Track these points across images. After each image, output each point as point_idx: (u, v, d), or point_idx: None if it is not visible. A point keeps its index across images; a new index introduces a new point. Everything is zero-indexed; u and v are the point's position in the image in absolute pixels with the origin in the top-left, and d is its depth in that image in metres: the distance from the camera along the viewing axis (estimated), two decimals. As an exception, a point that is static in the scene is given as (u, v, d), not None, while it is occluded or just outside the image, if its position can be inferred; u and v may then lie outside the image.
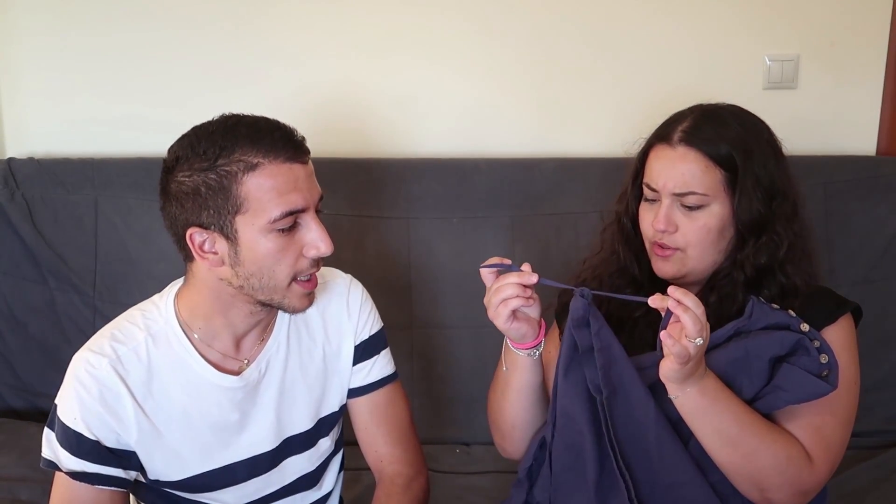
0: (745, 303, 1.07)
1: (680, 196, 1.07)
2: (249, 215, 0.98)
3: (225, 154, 0.97)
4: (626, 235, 1.18)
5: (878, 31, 1.84)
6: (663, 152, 1.10)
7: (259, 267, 1.01)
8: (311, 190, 1.02)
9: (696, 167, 1.06)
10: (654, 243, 1.11)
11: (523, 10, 1.83)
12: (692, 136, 1.08)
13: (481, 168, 1.80)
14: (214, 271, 1.03)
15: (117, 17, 1.85)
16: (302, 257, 1.02)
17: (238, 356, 1.11)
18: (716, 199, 1.07)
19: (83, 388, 1.03)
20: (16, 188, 1.79)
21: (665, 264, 1.10)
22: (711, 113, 1.12)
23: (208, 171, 0.97)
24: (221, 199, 0.98)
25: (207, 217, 0.99)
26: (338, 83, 1.87)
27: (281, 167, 0.98)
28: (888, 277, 1.73)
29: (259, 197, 0.97)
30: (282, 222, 0.99)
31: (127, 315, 1.11)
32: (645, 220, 1.13)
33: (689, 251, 1.08)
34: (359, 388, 1.21)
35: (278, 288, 1.03)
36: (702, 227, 1.07)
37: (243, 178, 0.97)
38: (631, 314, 1.15)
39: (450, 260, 1.76)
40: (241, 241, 0.99)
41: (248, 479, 1.14)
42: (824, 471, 1.03)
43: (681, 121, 1.10)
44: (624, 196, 1.19)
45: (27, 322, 1.79)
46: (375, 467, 1.23)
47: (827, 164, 1.78)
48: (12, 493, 1.53)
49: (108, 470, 1.05)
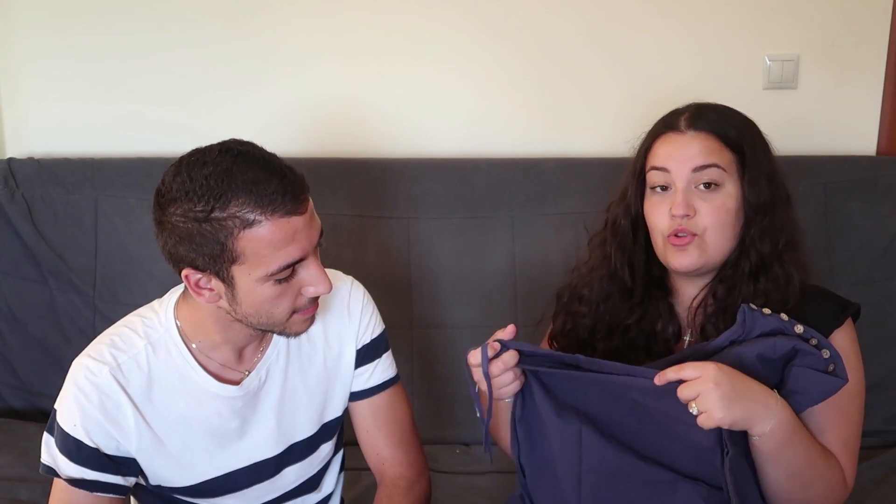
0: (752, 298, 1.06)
1: (698, 171, 1.06)
2: (246, 266, 0.96)
3: (220, 206, 0.92)
4: (620, 238, 1.16)
5: (878, 31, 1.84)
6: (672, 137, 1.09)
7: (257, 310, 1.00)
8: (309, 238, 0.98)
9: (711, 145, 1.07)
10: (671, 235, 1.07)
11: (524, 10, 1.83)
12: (699, 121, 1.09)
13: (482, 168, 1.80)
14: (212, 304, 1.02)
15: (117, 17, 1.85)
16: (300, 296, 1.01)
17: (238, 367, 1.10)
18: (731, 177, 1.07)
19: (83, 396, 1.02)
20: (16, 188, 1.79)
21: (684, 256, 1.07)
22: (708, 104, 1.13)
23: (203, 221, 0.93)
24: (217, 250, 0.94)
25: (202, 262, 0.96)
26: (338, 83, 1.87)
27: (279, 222, 0.94)
28: (888, 277, 1.73)
29: (256, 252, 0.94)
30: (279, 275, 0.97)
31: (126, 321, 1.10)
32: (657, 212, 1.09)
33: (708, 235, 1.06)
34: (361, 392, 1.20)
35: (278, 322, 1.02)
36: (720, 206, 1.06)
37: (240, 234, 0.93)
38: (622, 320, 1.14)
39: (450, 260, 1.76)
40: (238, 286, 0.98)
41: (250, 486, 1.14)
42: (851, 482, 1.04)
43: (681, 112, 1.12)
44: (624, 196, 1.16)
45: (27, 322, 1.79)
46: (377, 469, 1.23)
47: (827, 164, 1.78)
48: (12, 493, 1.52)
49: (107, 477, 1.04)
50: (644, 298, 1.14)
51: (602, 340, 1.15)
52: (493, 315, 1.74)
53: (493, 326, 1.07)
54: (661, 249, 1.10)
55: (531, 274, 1.74)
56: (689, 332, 1.14)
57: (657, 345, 1.14)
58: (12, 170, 1.80)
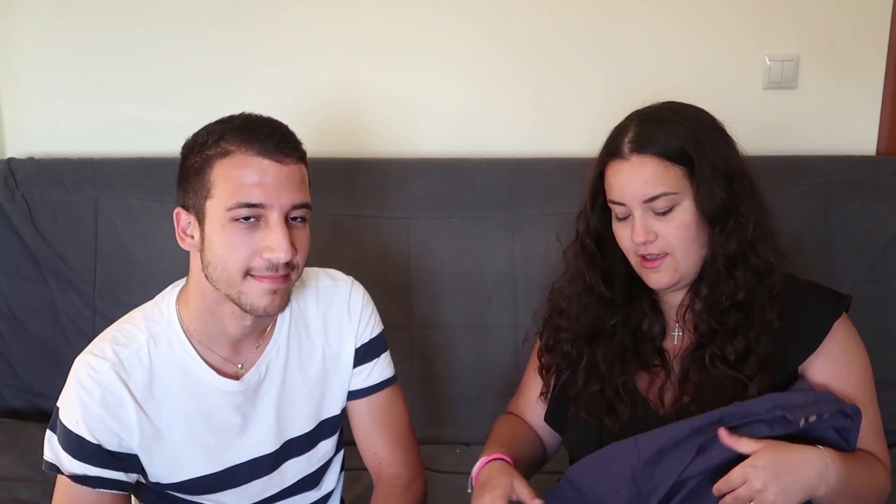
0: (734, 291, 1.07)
1: (650, 202, 1.06)
2: (214, 200, 1.00)
3: (212, 141, 1.01)
4: (588, 255, 1.16)
5: (878, 31, 1.84)
6: (619, 167, 1.08)
7: (214, 254, 1.01)
8: (278, 190, 0.99)
9: (656, 170, 1.05)
10: (640, 257, 1.09)
11: (523, 10, 1.83)
12: (641, 143, 1.06)
13: (481, 168, 1.80)
14: (195, 258, 1.05)
15: (117, 17, 1.85)
16: (257, 257, 1.00)
17: (236, 360, 1.11)
18: (684, 195, 1.06)
19: (85, 392, 1.02)
20: (16, 188, 1.79)
21: (657, 275, 1.09)
22: (651, 116, 1.11)
23: (196, 155, 1.02)
24: (198, 183, 1.01)
25: (188, 199, 1.03)
26: (338, 83, 1.87)
27: (250, 159, 0.99)
28: (888, 277, 1.73)
29: (222, 184, 0.99)
30: (236, 212, 0.98)
31: (128, 317, 1.11)
32: (623, 237, 1.11)
33: (676, 253, 1.07)
34: (358, 391, 1.21)
35: (232, 281, 1.01)
36: (679, 226, 1.06)
37: (215, 163, 1.00)
38: (605, 323, 1.15)
39: (450, 260, 1.76)
40: (207, 224, 1.01)
41: (249, 482, 1.14)
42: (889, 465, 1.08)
43: (625, 132, 1.09)
44: (584, 215, 1.17)
45: (27, 322, 1.79)
46: (374, 469, 1.23)
47: (827, 164, 1.78)
48: (12, 493, 1.53)
49: (110, 473, 1.05)
50: (626, 300, 1.16)
51: (587, 347, 1.15)
52: (493, 315, 1.74)
53: (493, 326, 1.07)
54: (637, 267, 1.12)
55: (531, 274, 1.74)
56: (676, 328, 1.15)
57: (644, 344, 1.15)
58: (12, 170, 1.80)
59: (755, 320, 1.07)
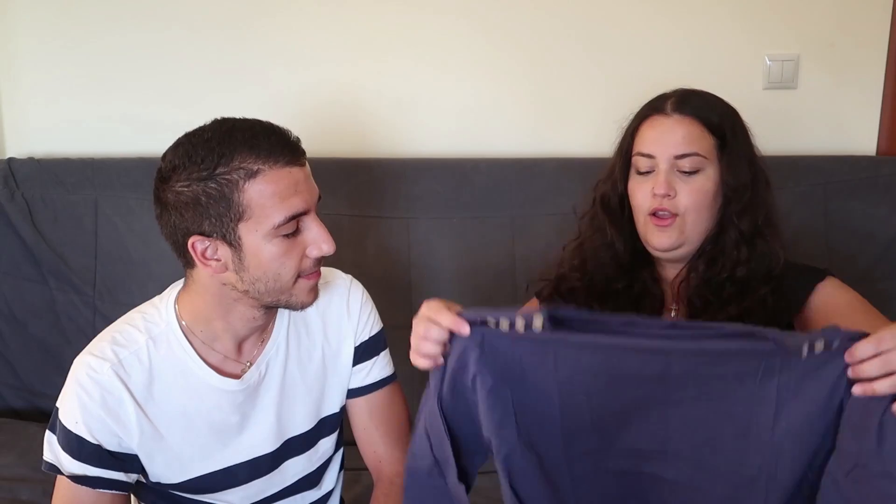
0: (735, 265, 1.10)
1: (680, 159, 1.10)
2: (252, 222, 0.98)
3: (224, 162, 0.96)
4: (611, 211, 1.20)
5: (878, 31, 1.84)
6: (658, 121, 1.14)
7: (264, 271, 1.01)
8: (310, 192, 1.02)
9: (693, 130, 1.11)
10: (651, 214, 1.13)
11: (523, 10, 1.83)
12: (685, 106, 1.13)
13: (481, 168, 1.80)
14: (218, 277, 1.03)
15: (118, 18, 1.85)
16: (305, 258, 1.03)
17: (239, 359, 1.11)
18: (711, 162, 1.11)
19: (85, 393, 1.02)
20: (16, 188, 1.79)
21: (662, 235, 1.12)
22: (695, 91, 1.17)
23: (207, 180, 0.96)
24: (223, 208, 0.97)
25: (209, 226, 0.98)
26: (338, 84, 1.87)
27: (281, 172, 0.98)
28: (888, 277, 1.74)
29: (262, 203, 0.97)
30: (285, 227, 0.99)
31: (127, 318, 1.10)
32: (640, 191, 1.14)
33: (688, 216, 1.11)
34: (358, 389, 1.21)
35: (284, 288, 1.03)
36: (699, 189, 1.11)
37: (244, 185, 0.96)
38: (612, 286, 1.18)
39: (450, 260, 1.76)
40: (245, 247, 0.99)
41: (249, 481, 1.14)
42: None
43: (669, 96, 1.15)
44: (611, 174, 1.20)
45: (27, 322, 1.79)
46: (374, 468, 1.23)
47: (827, 164, 1.78)
48: (12, 493, 1.53)
49: (110, 473, 1.05)
50: (632, 268, 1.19)
51: (597, 304, 1.18)
52: (493, 315, 1.74)
53: (493, 326, 1.07)
54: (643, 228, 1.15)
55: (531, 274, 1.73)
56: (673, 304, 1.18)
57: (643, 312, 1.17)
58: (12, 170, 1.80)
59: (749, 294, 1.10)
